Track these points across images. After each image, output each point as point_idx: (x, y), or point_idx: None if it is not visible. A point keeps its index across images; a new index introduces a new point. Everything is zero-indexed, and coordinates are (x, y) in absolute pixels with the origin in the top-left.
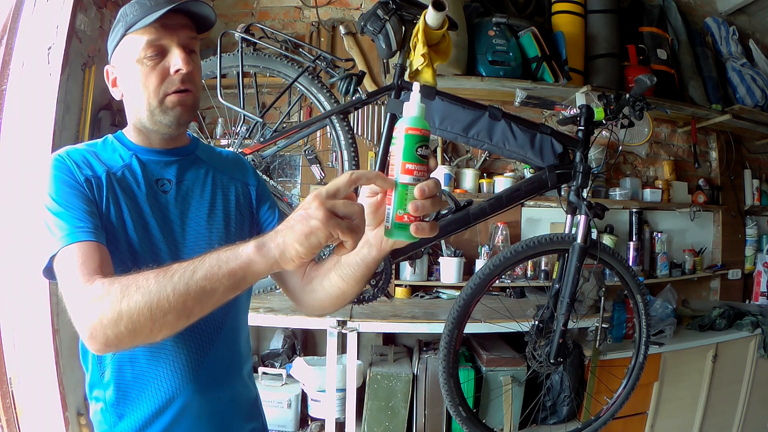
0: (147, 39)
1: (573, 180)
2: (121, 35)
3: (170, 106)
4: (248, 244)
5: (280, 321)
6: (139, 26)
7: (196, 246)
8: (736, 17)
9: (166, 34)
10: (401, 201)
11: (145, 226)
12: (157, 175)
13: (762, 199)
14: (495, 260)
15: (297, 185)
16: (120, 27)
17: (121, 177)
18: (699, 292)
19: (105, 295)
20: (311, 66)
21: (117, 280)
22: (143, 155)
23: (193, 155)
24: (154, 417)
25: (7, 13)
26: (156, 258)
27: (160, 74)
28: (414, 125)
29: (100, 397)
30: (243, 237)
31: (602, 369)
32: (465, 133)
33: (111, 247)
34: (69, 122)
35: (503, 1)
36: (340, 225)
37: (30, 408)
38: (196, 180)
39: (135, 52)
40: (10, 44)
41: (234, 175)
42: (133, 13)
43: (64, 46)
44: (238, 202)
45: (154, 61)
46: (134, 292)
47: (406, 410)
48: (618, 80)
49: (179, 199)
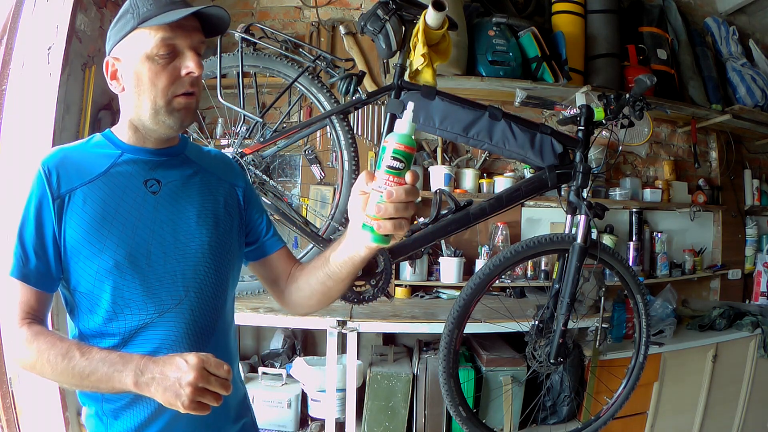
0: (162, 36)
1: (573, 180)
2: (132, 27)
3: (177, 108)
4: (128, 372)
5: (280, 321)
6: (155, 22)
7: (186, 248)
8: (736, 17)
9: (180, 34)
10: (372, 205)
11: (134, 228)
12: (145, 175)
13: (762, 199)
14: (495, 260)
15: (297, 185)
16: (129, 18)
17: (109, 178)
18: (699, 292)
19: (26, 349)
20: (311, 66)
21: (36, 341)
22: (132, 154)
23: (183, 155)
24: (150, 420)
25: (7, 13)
26: (148, 260)
27: (171, 74)
28: (398, 141)
29: (94, 400)
30: (231, 238)
31: (602, 369)
32: (465, 133)
33: (98, 252)
34: (69, 122)
35: (503, 1)
36: (203, 403)
37: (30, 408)
38: (184, 181)
39: (146, 47)
40: (10, 44)
41: (222, 176)
42: (147, 7)
43: (64, 46)
44: (226, 203)
45: (166, 60)
46: (45, 364)
47: (406, 410)
48: (618, 80)
49: (168, 200)
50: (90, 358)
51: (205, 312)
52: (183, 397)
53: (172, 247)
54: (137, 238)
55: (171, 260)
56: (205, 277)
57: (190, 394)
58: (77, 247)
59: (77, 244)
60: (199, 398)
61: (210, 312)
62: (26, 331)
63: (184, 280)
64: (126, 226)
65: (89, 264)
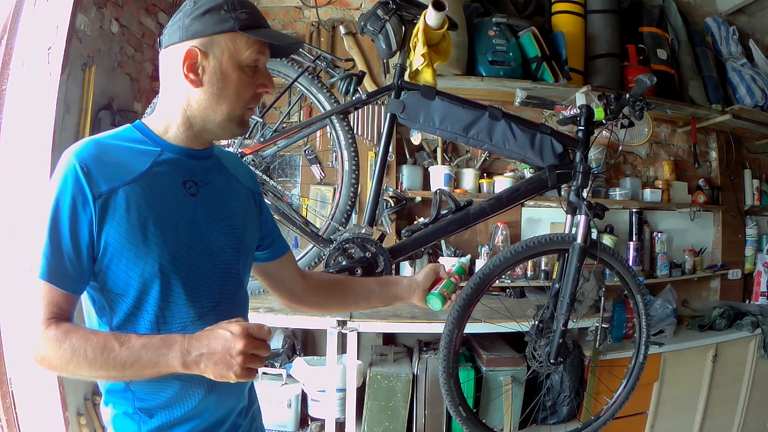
0: (257, 49)
1: (573, 180)
2: (230, 28)
3: (246, 120)
4: (174, 354)
5: (280, 321)
6: (260, 35)
7: (222, 251)
8: (736, 17)
9: (266, 53)
10: (447, 286)
11: (176, 231)
12: (184, 176)
13: (762, 199)
14: (495, 260)
15: (297, 185)
16: (226, 17)
17: (150, 178)
18: (699, 292)
19: (57, 349)
20: (311, 66)
21: (68, 339)
22: (172, 153)
23: (214, 157)
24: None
25: (7, 13)
26: (189, 264)
27: (253, 88)
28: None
29: (125, 399)
30: (253, 240)
31: (602, 369)
32: (465, 133)
33: (143, 256)
34: (69, 122)
35: (503, 1)
36: (253, 369)
37: (30, 408)
38: (218, 183)
39: (241, 54)
40: (10, 44)
41: (242, 180)
42: (246, 15)
43: (64, 46)
44: (248, 206)
45: (250, 74)
46: (82, 360)
47: (406, 410)
48: (618, 80)
49: (205, 203)
50: (130, 347)
51: (236, 312)
52: (235, 367)
53: (209, 250)
54: (179, 242)
55: (209, 264)
56: (235, 279)
57: (242, 362)
58: (120, 249)
59: (120, 246)
60: (249, 365)
61: (239, 312)
62: (55, 330)
63: (220, 282)
64: (168, 228)
65: (133, 267)
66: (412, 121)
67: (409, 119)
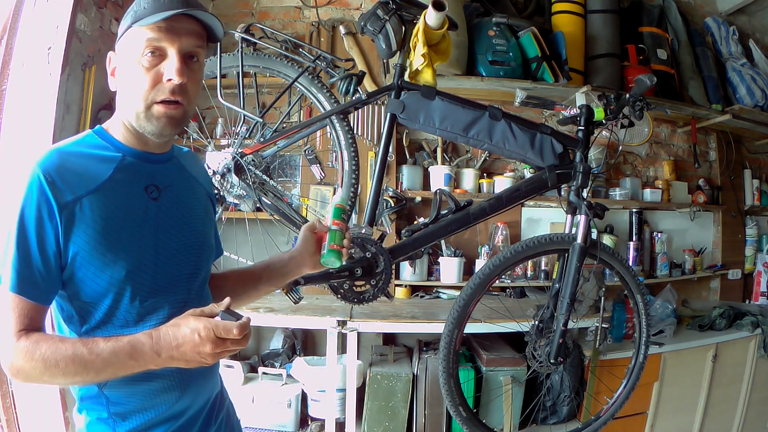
0: (148, 37)
1: (573, 180)
2: (128, 26)
3: (155, 115)
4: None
5: (280, 321)
6: (146, 22)
7: (186, 252)
8: (736, 17)
9: (168, 36)
10: (333, 238)
11: (140, 237)
12: (145, 181)
13: (762, 199)
14: (495, 260)
15: (297, 185)
16: (129, 16)
17: (113, 185)
18: (699, 292)
19: (29, 361)
20: (311, 66)
21: (38, 349)
22: (133, 158)
23: (175, 159)
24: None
25: (7, 13)
26: (155, 268)
27: (152, 79)
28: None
29: (99, 404)
30: (212, 240)
31: (602, 369)
32: (465, 133)
33: (111, 263)
34: (69, 122)
35: (503, 1)
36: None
37: (30, 408)
38: (179, 186)
39: (136, 47)
40: (10, 44)
41: (200, 180)
42: (146, 6)
43: (64, 46)
44: (206, 207)
45: (151, 63)
46: (54, 370)
47: (406, 410)
48: (618, 80)
49: (168, 207)
50: (99, 353)
51: None
52: (206, 362)
53: (174, 252)
54: (144, 247)
55: (175, 266)
56: (201, 279)
57: (212, 359)
58: (87, 258)
59: (87, 255)
60: (220, 358)
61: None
62: (26, 341)
63: (187, 283)
64: (133, 234)
65: (101, 275)
66: (412, 121)
67: (409, 119)
